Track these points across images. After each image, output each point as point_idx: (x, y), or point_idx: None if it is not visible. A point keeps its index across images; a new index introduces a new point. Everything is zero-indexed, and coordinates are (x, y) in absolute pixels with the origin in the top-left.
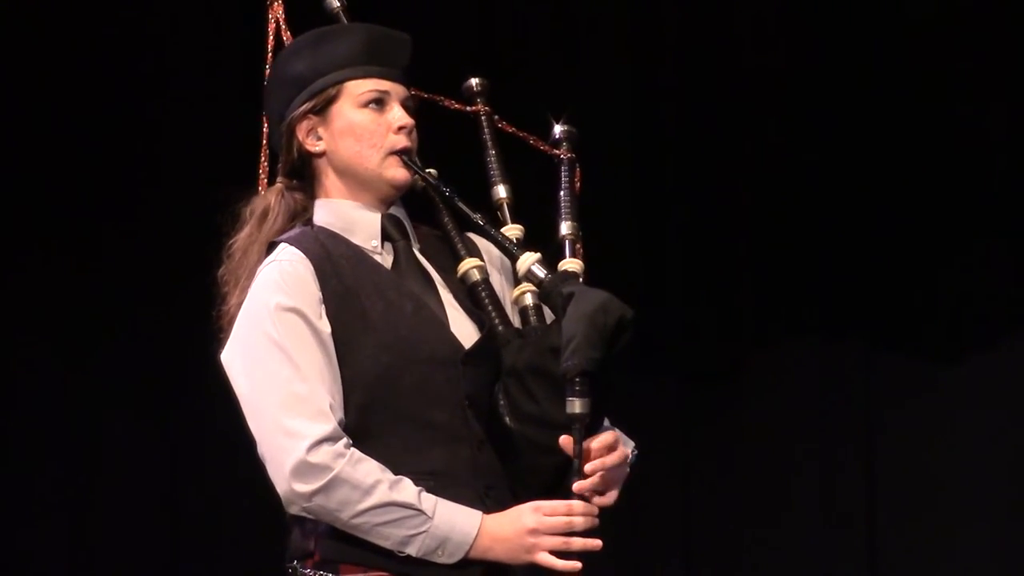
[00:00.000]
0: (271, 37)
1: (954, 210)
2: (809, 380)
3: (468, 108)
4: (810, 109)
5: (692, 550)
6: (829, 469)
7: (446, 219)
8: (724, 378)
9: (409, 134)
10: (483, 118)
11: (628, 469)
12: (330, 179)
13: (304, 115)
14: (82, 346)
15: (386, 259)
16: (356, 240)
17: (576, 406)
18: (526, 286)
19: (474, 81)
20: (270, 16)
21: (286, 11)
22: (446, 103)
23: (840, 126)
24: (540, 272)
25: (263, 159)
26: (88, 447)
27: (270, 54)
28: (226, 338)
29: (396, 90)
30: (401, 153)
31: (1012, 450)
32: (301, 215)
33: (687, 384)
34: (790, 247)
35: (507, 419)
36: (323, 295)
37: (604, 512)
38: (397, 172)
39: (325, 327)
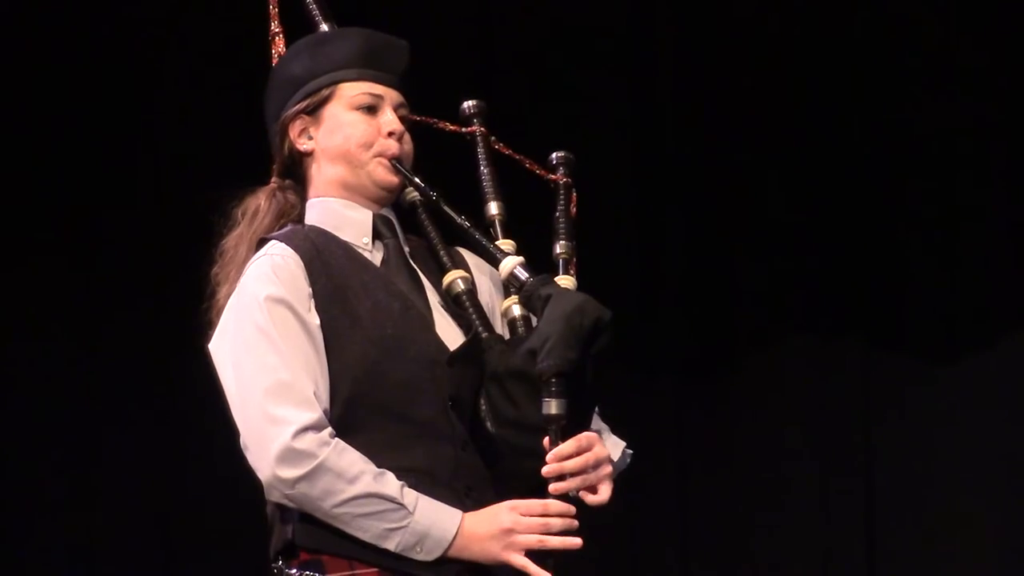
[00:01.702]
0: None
1: (953, 209)
2: (807, 378)
3: (464, 130)
4: (808, 109)
5: (688, 548)
6: (827, 468)
7: (432, 233)
8: (721, 376)
9: (399, 139)
10: (478, 138)
11: (610, 469)
12: (320, 179)
13: (297, 115)
14: (81, 345)
15: (376, 257)
16: (346, 237)
17: (552, 407)
18: (514, 298)
19: (470, 103)
20: (272, 51)
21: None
22: (441, 125)
23: (838, 126)
24: (522, 275)
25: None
26: (86, 447)
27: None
28: (214, 330)
29: (389, 95)
30: (389, 158)
31: (1011, 449)
32: (289, 214)
33: (684, 382)
34: (788, 245)
35: (488, 423)
36: (312, 291)
37: (601, 509)
38: (384, 174)
39: (314, 319)
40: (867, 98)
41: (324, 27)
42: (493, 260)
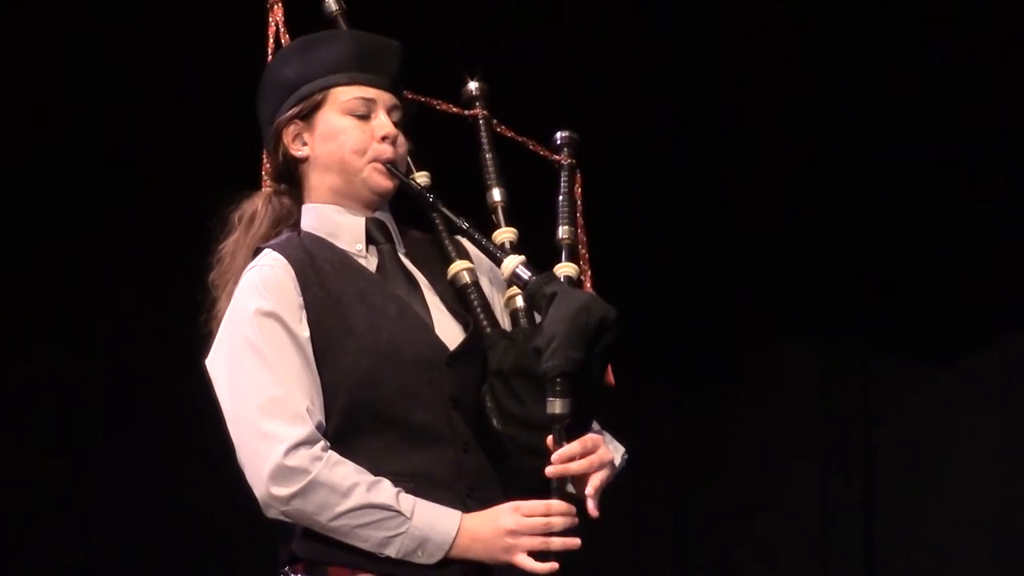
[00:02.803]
0: (271, 41)
1: (952, 209)
2: (806, 381)
3: (466, 112)
4: (806, 110)
5: (688, 551)
6: (827, 468)
7: (437, 223)
8: (721, 379)
9: (393, 143)
10: (480, 122)
11: (612, 471)
12: (315, 184)
13: (290, 120)
14: (79, 346)
15: (370, 262)
16: (341, 244)
17: (556, 407)
18: (516, 289)
19: (473, 85)
20: (270, 20)
21: (286, 15)
22: (443, 107)
23: (836, 127)
24: (524, 274)
25: (265, 165)
26: (84, 449)
27: (270, 58)
28: (212, 342)
29: (382, 98)
30: (384, 162)
31: (1010, 450)
32: (286, 219)
33: (684, 385)
34: (788, 247)
35: (493, 420)
36: (303, 300)
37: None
38: (379, 180)
39: (304, 332)
40: (868, 98)
41: None
42: (495, 259)
